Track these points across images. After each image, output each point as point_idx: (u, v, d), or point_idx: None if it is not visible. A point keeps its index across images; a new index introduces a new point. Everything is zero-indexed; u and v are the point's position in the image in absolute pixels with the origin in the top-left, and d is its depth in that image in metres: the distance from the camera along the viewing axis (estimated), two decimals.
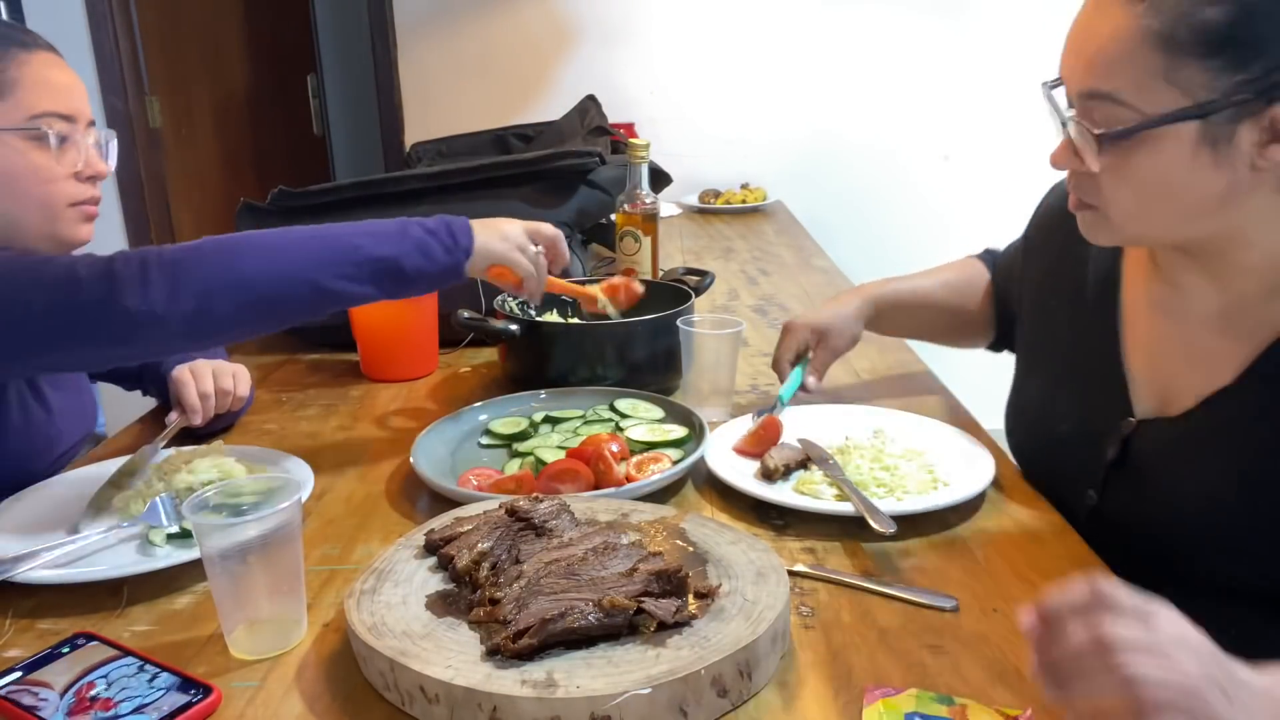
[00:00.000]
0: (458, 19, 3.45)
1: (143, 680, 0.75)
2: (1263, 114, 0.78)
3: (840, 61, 3.41)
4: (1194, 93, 0.79)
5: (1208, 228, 0.87)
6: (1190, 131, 0.80)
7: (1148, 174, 0.83)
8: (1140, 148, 0.82)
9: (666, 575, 0.76)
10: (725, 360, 1.27)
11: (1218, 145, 0.80)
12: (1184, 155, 0.81)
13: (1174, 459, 0.93)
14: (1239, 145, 0.80)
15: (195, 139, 3.84)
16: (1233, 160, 0.81)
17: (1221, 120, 0.79)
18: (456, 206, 1.69)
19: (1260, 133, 0.79)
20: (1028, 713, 0.69)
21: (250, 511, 0.79)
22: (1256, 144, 0.79)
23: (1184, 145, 0.81)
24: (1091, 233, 0.93)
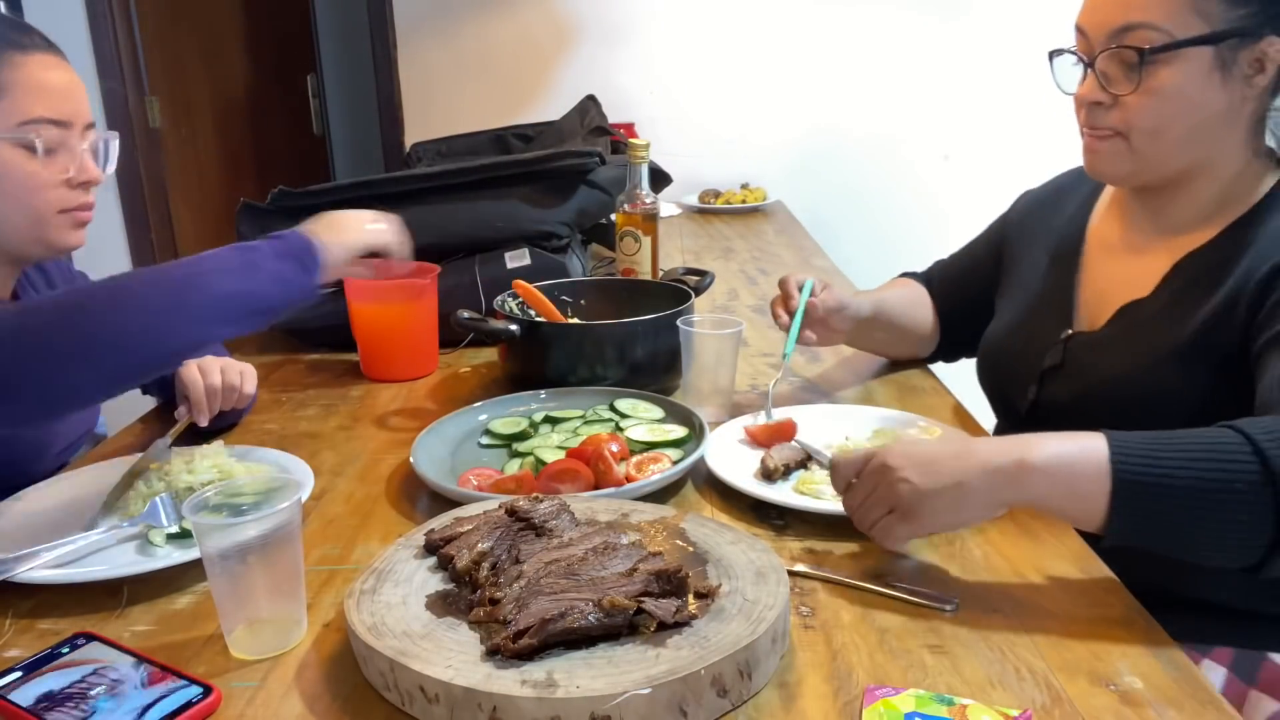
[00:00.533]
0: (458, 19, 3.45)
1: (142, 680, 0.75)
2: (1255, 45, 0.98)
3: (840, 61, 3.41)
4: (1213, 22, 0.97)
5: (1200, 152, 1.04)
6: (1207, 55, 0.98)
7: (1172, 91, 1.00)
8: (1166, 67, 0.99)
9: (666, 575, 0.76)
10: (725, 360, 1.27)
11: (1225, 69, 0.99)
12: (1201, 74, 0.99)
13: (1095, 358, 1.11)
14: (1238, 71, 0.99)
15: (195, 139, 3.85)
16: (1232, 84, 1.00)
17: (1230, 46, 0.98)
18: (457, 206, 1.70)
19: (1250, 63, 0.99)
20: (1028, 713, 0.69)
21: (250, 511, 0.79)
22: (1247, 74, 0.99)
23: (1202, 66, 0.99)
24: (1103, 163, 1.08)
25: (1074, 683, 0.74)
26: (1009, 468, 0.82)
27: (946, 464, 0.84)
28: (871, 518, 0.89)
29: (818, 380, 1.44)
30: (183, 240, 3.71)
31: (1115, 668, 0.76)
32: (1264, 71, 0.99)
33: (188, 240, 3.74)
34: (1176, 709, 0.71)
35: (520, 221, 1.69)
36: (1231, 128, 1.03)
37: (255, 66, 4.23)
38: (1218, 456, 0.78)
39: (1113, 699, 0.72)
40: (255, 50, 4.23)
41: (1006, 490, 0.83)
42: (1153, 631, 0.80)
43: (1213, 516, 0.78)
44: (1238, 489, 0.77)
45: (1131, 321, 1.09)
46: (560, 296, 1.54)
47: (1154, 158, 1.05)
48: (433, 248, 1.65)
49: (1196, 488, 0.78)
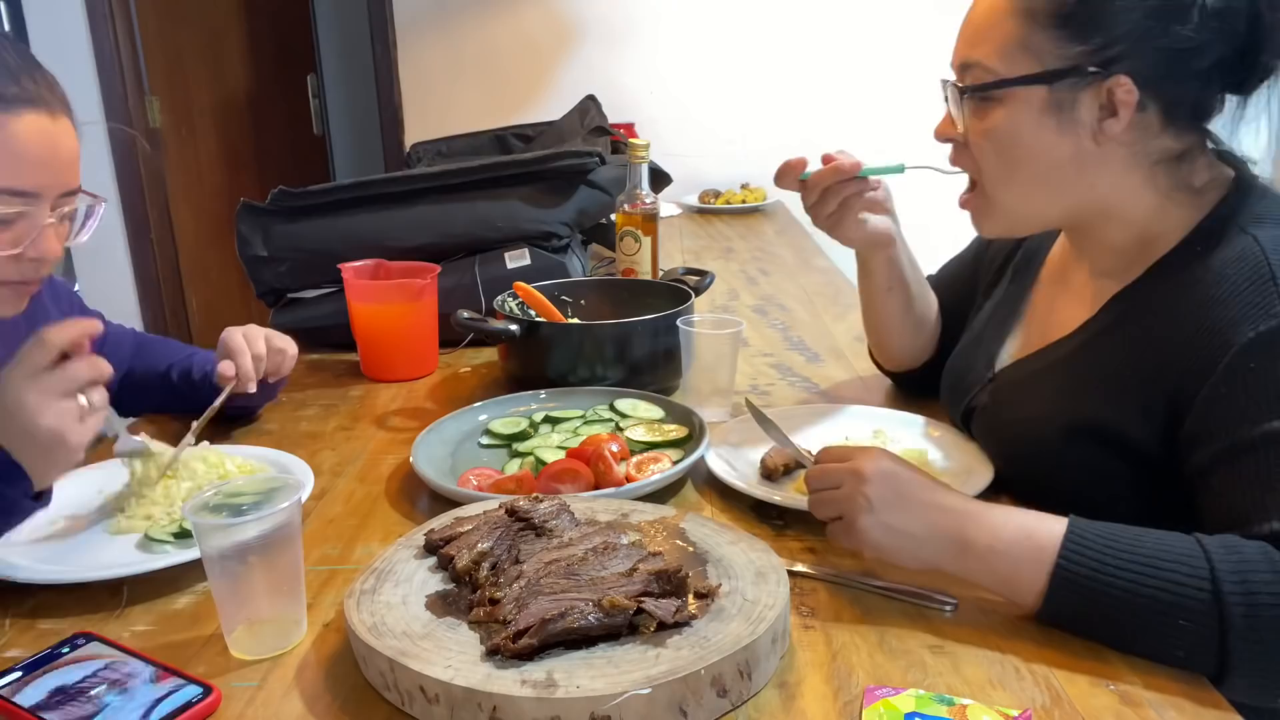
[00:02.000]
0: (458, 19, 3.45)
1: (142, 680, 0.75)
2: (1099, 85, 0.89)
3: (840, 61, 3.41)
4: (1044, 60, 0.90)
5: (1070, 200, 0.96)
6: (1039, 95, 0.91)
7: (1002, 134, 0.94)
8: (998, 107, 0.94)
9: (666, 575, 0.76)
10: (725, 360, 1.27)
11: (1062, 111, 0.91)
12: (1033, 117, 0.92)
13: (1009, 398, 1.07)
14: (1080, 114, 0.91)
15: (195, 139, 3.85)
16: (1076, 129, 0.91)
17: (1064, 87, 0.90)
18: (456, 206, 1.70)
19: (1099, 104, 0.90)
20: (1027, 713, 0.69)
21: (250, 511, 0.79)
22: (1097, 117, 0.90)
23: (1033, 107, 0.92)
24: (977, 218, 1.04)
25: (1074, 683, 0.74)
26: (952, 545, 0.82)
27: (912, 507, 0.83)
28: (822, 514, 0.88)
29: (818, 380, 1.44)
30: (182, 240, 3.71)
31: (1115, 668, 0.75)
32: (1116, 115, 0.89)
33: (188, 240, 3.74)
34: (1176, 709, 0.71)
35: (520, 221, 1.69)
36: (1106, 172, 0.93)
37: (255, 66, 4.23)
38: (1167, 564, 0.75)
39: (1113, 699, 0.72)
40: (255, 50, 4.23)
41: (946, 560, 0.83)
42: None
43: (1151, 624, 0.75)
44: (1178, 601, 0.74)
45: (1047, 361, 1.02)
46: (560, 296, 1.54)
47: (1016, 208, 0.99)
48: (433, 248, 1.66)
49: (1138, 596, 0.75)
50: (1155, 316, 0.91)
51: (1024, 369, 1.06)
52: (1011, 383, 1.08)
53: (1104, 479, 0.93)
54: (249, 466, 1.12)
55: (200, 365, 1.30)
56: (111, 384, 0.92)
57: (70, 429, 0.86)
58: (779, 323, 1.76)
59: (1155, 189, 0.93)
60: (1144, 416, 0.89)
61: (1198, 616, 0.73)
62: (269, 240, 1.67)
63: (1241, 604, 0.72)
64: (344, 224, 1.68)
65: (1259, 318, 0.82)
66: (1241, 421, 0.81)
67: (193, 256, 3.79)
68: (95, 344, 1.28)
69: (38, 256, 0.98)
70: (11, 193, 0.95)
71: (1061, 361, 1.00)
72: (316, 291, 1.69)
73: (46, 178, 0.97)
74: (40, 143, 0.96)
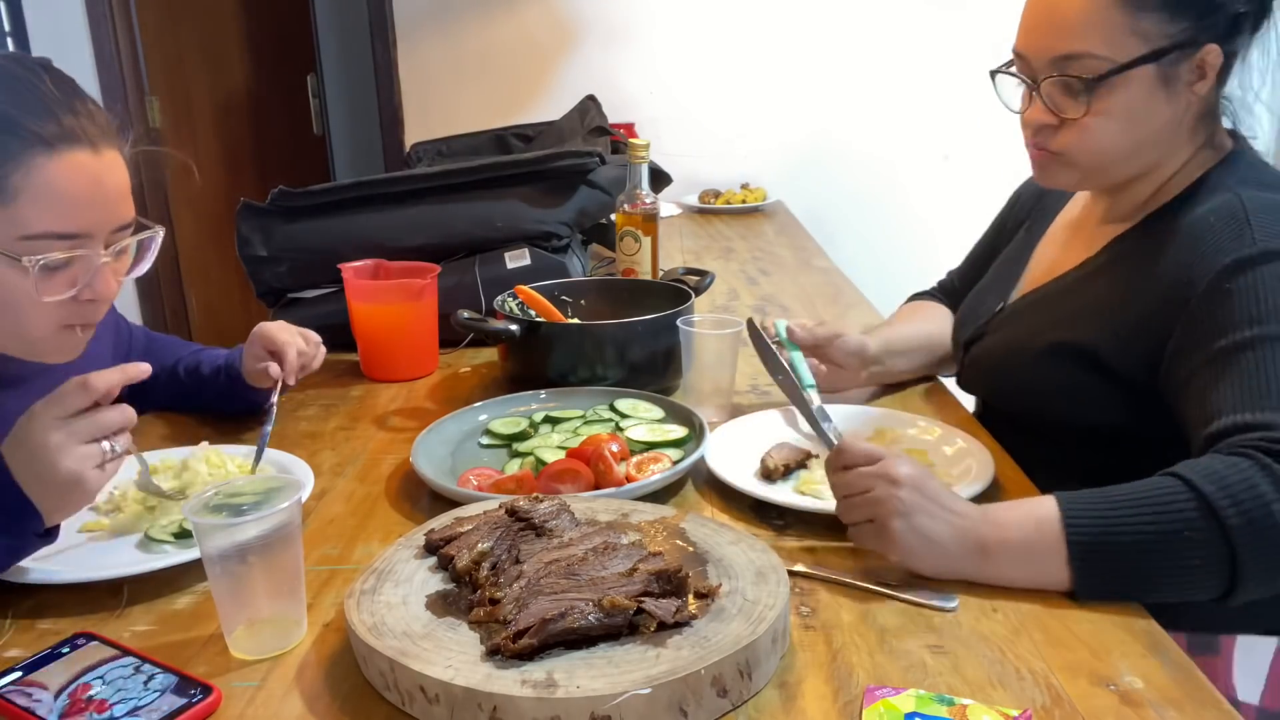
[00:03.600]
0: (458, 19, 3.45)
1: (142, 680, 0.75)
2: (1195, 55, 0.99)
3: (840, 61, 3.41)
4: (1152, 41, 0.99)
5: (1149, 158, 1.06)
6: (1151, 72, 1.00)
7: (1119, 112, 1.02)
8: (1112, 91, 1.01)
9: (666, 575, 0.76)
10: (725, 360, 1.27)
11: (1169, 83, 1.01)
12: (1146, 93, 1.01)
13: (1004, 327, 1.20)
14: (1181, 83, 1.01)
15: (195, 139, 3.84)
16: (1178, 96, 1.02)
17: (1169, 62, 0.99)
18: (456, 206, 1.70)
19: (1192, 71, 1.00)
20: (1027, 713, 0.69)
21: (250, 511, 0.79)
22: (1189, 82, 1.01)
23: (1146, 84, 1.00)
24: (1052, 174, 1.11)
25: (1074, 683, 0.74)
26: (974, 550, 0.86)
27: (938, 513, 0.87)
28: (852, 517, 0.90)
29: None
30: (182, 240, 3.71)
31: (1115, 668, 0.76)
32: (1205, 78, 1.01)
33: (188, 240, 3.74)
34: (1176, 709, 0.71)
35: (520, 221, 1.69)
36: (1177, 130, 1.05)
37: (255, 66, 4.23)
38: (1161, 506, 0.82)
39: (1113, 699, 0.72)
40: (255, 50, 4.22)
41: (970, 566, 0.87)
42: (1153, 632, 0.80)
43: (1169, 564, 0.81)
44: (1185, 535, 0.80)
45: (1045, 294, 1.15)
46: (560, 296, 1.54)
47: (1102, 170, 1.08)
48: (433, 248, 1.66)
49: (1147, 540, 0.81)
50: (1145, 255, 1.04)
51: (1024, 301, 1.19)
52: (1013, 313, 1.20)
53: (1082, 398, 1.06)
54: (249, 467, 1.12)
55: (210, 361, 1.30)
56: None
57: (90, 475, 0.85)
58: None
59: (1192, 142, 1.06)
60: (1125, 340, 1.01)
61: (1202, 536, 0.80)
62: (269, 240, 1.67)
63: (1235, 515, 0.79)
64: (344, 224, 1.68)
65: (1234, 248, 0.95)
66: (1218, 335, 0.92)
67: (193, 256, 3.79)
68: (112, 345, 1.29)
69: (94, 298, 0.97)
70: (60, 236, 0.93)
71: (1057, 293, 1.14)
72: (316, 291, 1.69)
73: (95, 217, 0.95)
74: (85, 183, 0.93)
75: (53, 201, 0.92)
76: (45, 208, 0.92)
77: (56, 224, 0.93)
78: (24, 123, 0.90)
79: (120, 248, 0.99)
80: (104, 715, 0.71)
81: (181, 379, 1.31)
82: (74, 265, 0.95)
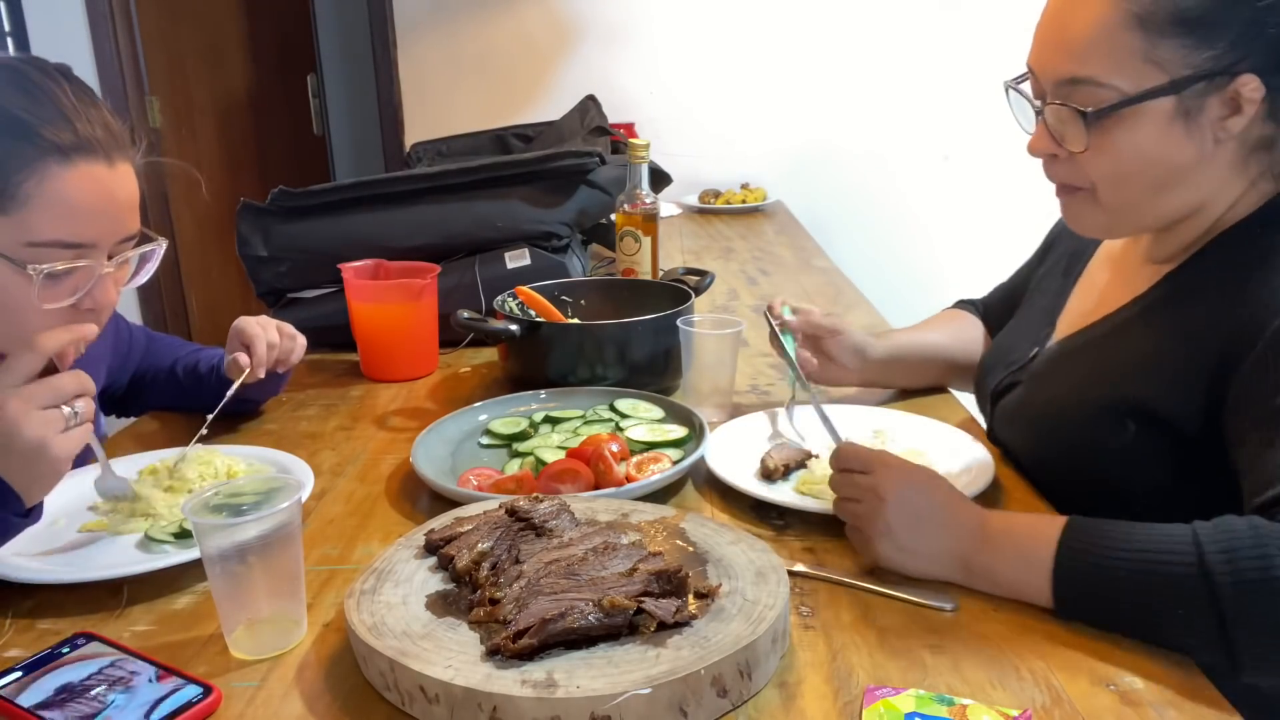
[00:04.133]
0: (458, 19, 3.45)
1: (142, 680, 0.75)
2: (1227, 88, 0.86)
3: (840, 61, 3.41)
4: (1170, 70, 0.86)
5: (1181, 199, 0.93)
6: (1167, 106, 0.87)
7: (1126, 149, 0.90)
8: (1121, 124, 0.89)
9: (666, 575, 0.76)
10: (725, 360, 1.27)
11: (1189, 118, 0.88)
12: (1160, 129, 0.88)
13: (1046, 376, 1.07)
14: (1206, 118, 0.88)
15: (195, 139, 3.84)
16: (1201, 132, 0.88)
17: (1192, 95, 0.87)
18: (456, 206, 1.70)
19: (1222, 105, 0.87)
20: (1027, 713, 0.69)
21: (250, 511, 0.79)
22: (1219, 117, 0.88)
23: (1161, 119, 0.88)
24: (1077, 217, 0.99)
25: (1074, 683, 0.74)
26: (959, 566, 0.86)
27: (925, 531, 0.86)
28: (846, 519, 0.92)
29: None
30: (183, 240, 3.71)
31: (1115, 668, 0.75)
32: (1240, 113, 0.87)
33: (188, 240, 3.74)
34: (1176, 709, 0.71)
35: (520, 221, 1.69)
36: (1211, 169, 0.91)
37: (255, 66, 4.23)
38: (1158, 550, 0.77)
39: (1113, 699, 0.72)
40: (255, 50, 4.23)
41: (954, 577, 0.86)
42: None
43: (1151, 608, 0.77)
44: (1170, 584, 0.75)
45: (1090, 338, 1.03)
46: (560, 296, 1.54)
47: (1128, 211, 0.95)
48: (433, 248, 1.66)
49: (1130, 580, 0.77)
50: (1204, 294, 0.92)
51: (1066, 346, 1.06)
52: (1050, 361, 1.08)
53: (1138, 457, 0.93)
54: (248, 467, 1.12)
55: (207, 360, 1.30)
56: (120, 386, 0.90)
57: (53, 440, 0.84)
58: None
59: (1245, 177, 0.92)
60: (1185, 391, 0.89)
61: (1193, 602, 0.74)
62: (269, 240, 1.67)
63: (1230, 582, 0.72)
64: (344, 224, 1.68)
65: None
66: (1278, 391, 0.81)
67: (193, 256, 3.79)
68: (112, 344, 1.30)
69: (93, 307, 0.97)
70: (66, 245, 0.93)
71: (1104, 338, 1.00)
72: (316, 291, 1.69)
73: (103, 228, 0.95)
74: (96, 194, 0.93)
75: (63, 211, 0.92)
76: (55, 217, 0.91)
77: (65, 233, 0.92)
78: (41, 130, 0.90)
79: (123, 259, 0.99)
80: (104, 715, 0.71)
81: (179, 379, 1.31)
82: (76, 274, 0.95)
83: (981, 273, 1.67)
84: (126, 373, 1.34)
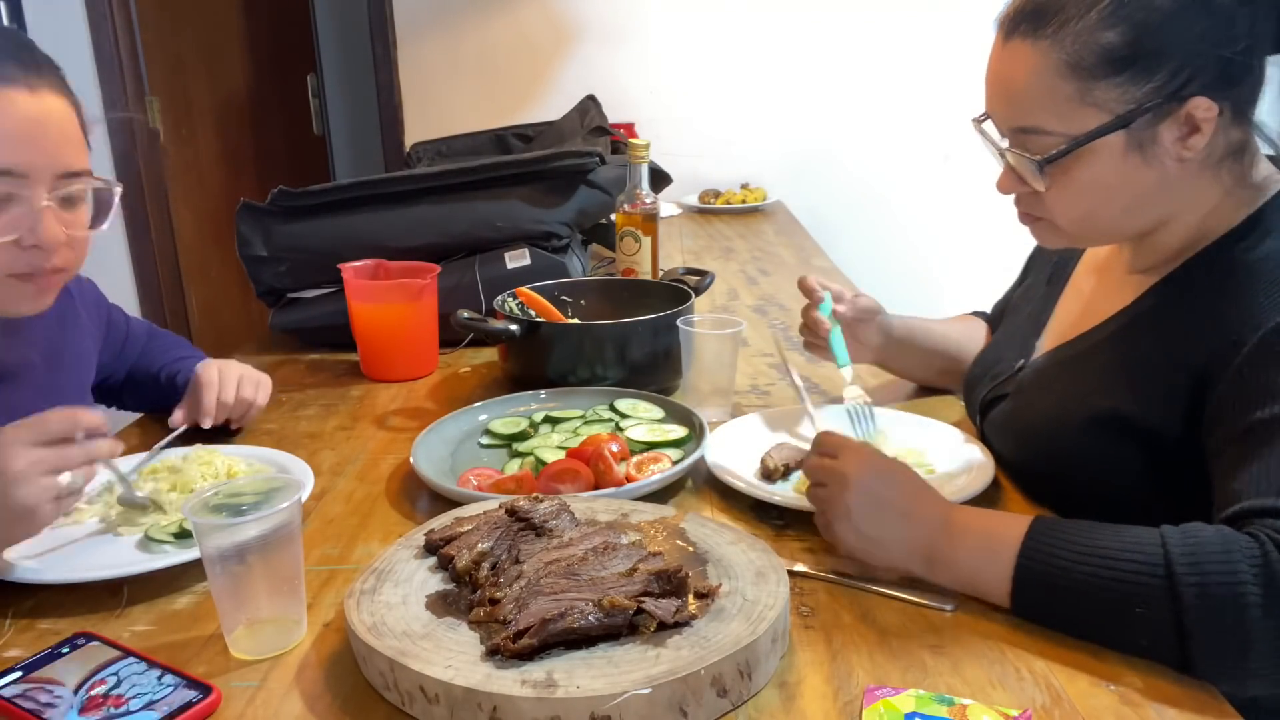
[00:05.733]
0: (457, 19, 3.45)
1: (142, 680, 0.75)
2: (1178, 112, 0.87)
3: (840, 61, 3.41)
4: (1111, 107, 0.88)
5: (1149, 217, 0.95)
6: (1117, 141, 0.89)
7: (1087, 184, 0.92)
8: (1076, 164, 0.91)
9: (666, 575, 0.76)
10: (725, 360, 1.27)
11: (1144, 147, 0.90)
12: (1116, 162, 0.90)
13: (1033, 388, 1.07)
14: (1162, 143, 0.89)
15: (195, 139, 3.84)
16: (1160, 157, 0.90)
17: (1142, 126, 0.88)
18: (456, 206, 1.70)
19: (1178, 128, 0.88)
20: (1027, 713, 0.69)
21: (250, 511, 0.79)
22: (1178, 139, 0.89)
23: (1115, 153, 0.90)
24: (1046, 239, 1.02)
25: (1074, 683, 0.74)
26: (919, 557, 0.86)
27: (887, 518, 0.87)
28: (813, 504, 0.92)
29: (818, 380, 1.44)
30: (182, 240, 3.71)
31: (1115, 668, 0.75)
32: (1199, 131, 0.88)
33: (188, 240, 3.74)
34: (1176, 709, 0.71)
35: (520, 221, 1.69)
36: (1182, 183, 0.92)
37: (255, 66, 4.23)
38: (1125, 553, 0.76)
39: (1113, 699, 0.72)
40: (255, 50, 4.22)
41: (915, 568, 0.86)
42: None
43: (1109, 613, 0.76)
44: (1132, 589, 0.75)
45: (1079, 350, 1.03)
46: (560, 296, 1.54)
47: (1094, 233, 0.99)
48: (433, 248, 1.66)
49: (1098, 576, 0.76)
50: (1190, 305, 0.92)
51: (1054, 358, 1.07)
52: (1039, 372, 1.08)
53: (1121, 468, 0.94)
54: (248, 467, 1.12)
55: (186, 372, 1.29)
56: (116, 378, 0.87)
57: (43, 507, 0.84)
58: (779, 323, 1.77)
59: (1220, 186, 0.93)
60: (1166, 402, 0.90)
61: (1153, 603, 0.74)
62: (269, 240, 1.67)
63: (1194, 586, 0.72)
64: (344, 224, 1.68)
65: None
66: (1256, 405, 0.81)
67: (193, 256, 3.79)
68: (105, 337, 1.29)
69: (37, 244, 0.95)
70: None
71: (1093, 349, 1.01)
72: (316, 291, 1.69)
73: (32, 155, 0.93)
74: (20, 119, 0.92)
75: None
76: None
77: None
78: None
79: (66, 194, 0.97)
80: (101, 715, 0.71)
81: (162, 384, 1.31)
82: (13, 207, 0.93)
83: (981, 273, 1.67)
84: (123, 365, 1.34)
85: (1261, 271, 0.87)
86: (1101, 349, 1.00)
